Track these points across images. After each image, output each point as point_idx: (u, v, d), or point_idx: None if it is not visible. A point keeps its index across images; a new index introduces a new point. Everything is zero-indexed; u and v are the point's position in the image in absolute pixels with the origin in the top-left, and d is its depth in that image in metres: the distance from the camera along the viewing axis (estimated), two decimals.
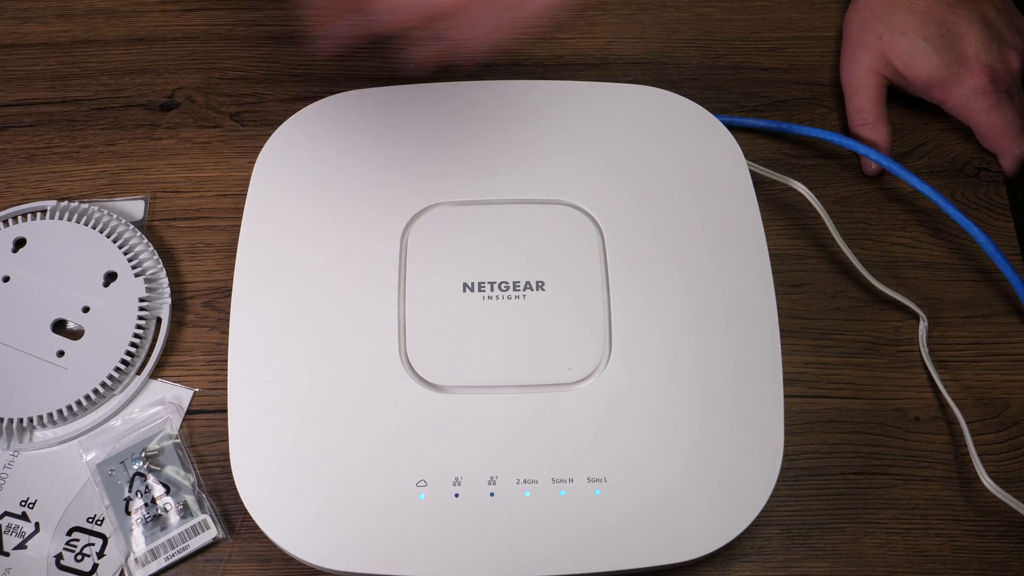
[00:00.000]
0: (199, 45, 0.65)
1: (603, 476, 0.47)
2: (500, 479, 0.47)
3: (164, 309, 0.56)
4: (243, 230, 0.53)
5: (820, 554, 0.51)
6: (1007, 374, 0.56)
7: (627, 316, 0.50)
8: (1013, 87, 0.62)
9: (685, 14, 0.67)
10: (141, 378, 0.54)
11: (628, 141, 0.55)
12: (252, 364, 0.49)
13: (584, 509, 0.46)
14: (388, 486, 0.47)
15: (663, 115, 0.57)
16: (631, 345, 0.50)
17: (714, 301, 0.51)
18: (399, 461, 0.47)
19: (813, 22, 0.67)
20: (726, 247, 0.52)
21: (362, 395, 0.48)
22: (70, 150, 0.61)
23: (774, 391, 0.49)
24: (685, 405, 0.49)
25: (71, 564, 0.50)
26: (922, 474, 0.53)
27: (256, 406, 0.48)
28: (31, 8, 0.66)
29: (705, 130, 0.56)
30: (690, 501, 0.47)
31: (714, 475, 0.47)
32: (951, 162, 0.62)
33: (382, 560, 0.46)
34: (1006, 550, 0.51)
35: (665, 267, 0.52)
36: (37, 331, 0.54)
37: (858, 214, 0.60)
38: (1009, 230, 0.60)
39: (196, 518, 0.50)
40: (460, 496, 0.46)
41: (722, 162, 0.55)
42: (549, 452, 0.47)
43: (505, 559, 0.46)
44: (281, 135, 0.56)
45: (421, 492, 0.46)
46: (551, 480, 0.47)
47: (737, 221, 0.53)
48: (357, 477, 0.47)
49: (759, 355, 0.50)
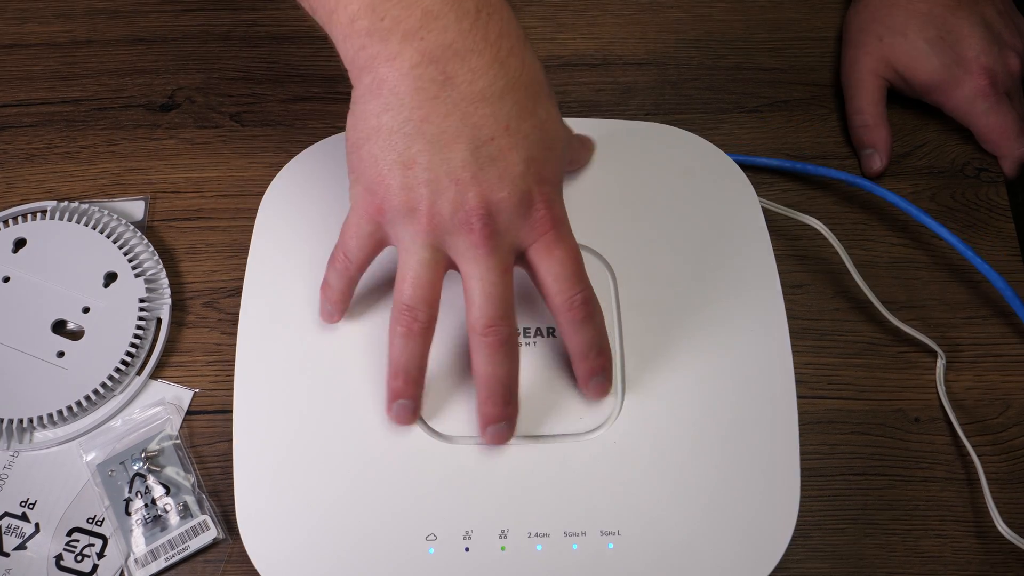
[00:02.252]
0: (199, 45, 0.65)
1: (616, 529, 0.46)
2: (511, 532, 0.46)
3: (164, 310, 0.56)
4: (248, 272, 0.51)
5: (820, 555, 0.51)
6: (1007, 375, 0.56)
7: (639, 363, 0.49)
8: (1013, 89, 0.62)
9: (686, 14, 0.67)
10: (141, 379, 0.54)
11: (640, 181, 0.54)
12: (256, 415, 0.48)
13: (597, 563, 0.45)
14: (398, 540, 0.45)
15: (675, 154, 0.55)
16: (644, 393, 0.48)
17: (728, 347, 0.50)
18: (409, 514, 0.46)
19: (813, 23, 0.67)
20: (740, 291, 0.51)
21: (371, 446, 0.47)
22: (70, 150, 0.61)
23: (790, 440, 0.48)
24: (699, 456, 0.47)
25: (71, 565, 0.50)
26: (922, 475, 0.53)
27: (261, 458, 0.47)
28: (31, 8, 0.66)
29: (718, 169, 0.55)
30: (705, 554, 0.46)
31: (729, 527, 0.46)
32: (951, 163, 0.62)
33: None
34: (1006, 551, 0.51)
35: (678, 313, 0.50)
36: (37, 331, 0.54)
37: (858, 214, 0.60)
38: (1009, 231, 0.60)
39: (196, 519, 0.50)
40: (471, 550, 0.45)
41: (735, 202, 0.54)
42: (561, 505, 0.46)
43: None
44: (283, 177, 0.54)
45: (431, 546, 0.45)
46: (563, 533, 0.46)
47: (751, 264, 0.52)
48: (366, 530, 0.46)
49: (774, 403, 0.49)
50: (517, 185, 0.44)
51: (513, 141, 0.43)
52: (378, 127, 0.43)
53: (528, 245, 0.45)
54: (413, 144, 0.43)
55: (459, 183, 0.43)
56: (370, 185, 0.44)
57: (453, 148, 0.43)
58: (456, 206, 0.43)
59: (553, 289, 0.45)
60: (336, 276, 0.48)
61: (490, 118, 0.43)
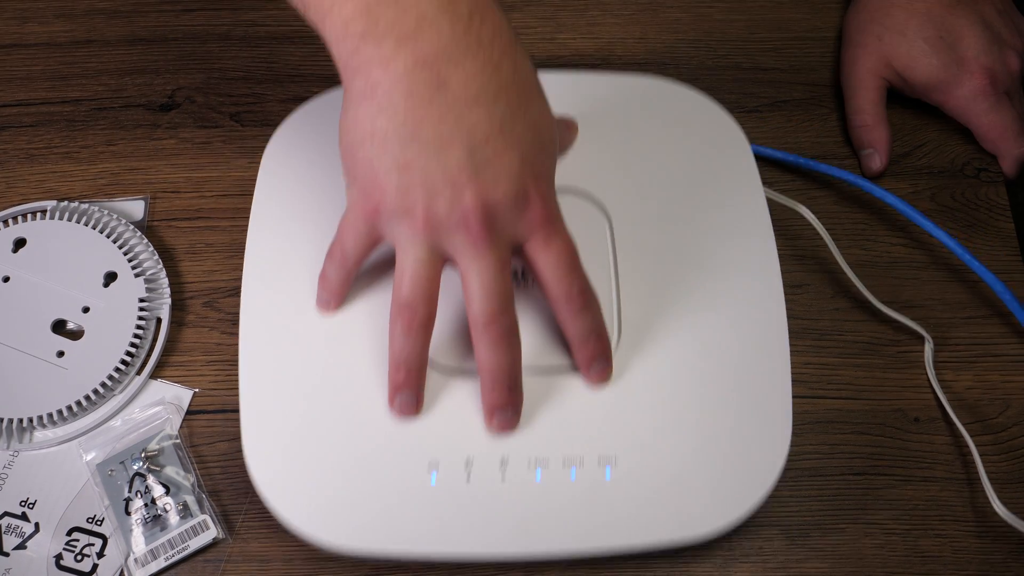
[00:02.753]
0: (199, 45, 0.65)
1: (613, 457, 0.47)
2: (511, 460, 0.47)
3: (164, 309, 0.56)
4: (252, 217, 0.53)
5: (820, 555, 0.51)
6: (1007, 375, 0.56)
7: (636, 301, 0.51)
8: (1013, 88, 0.62)
9: (685, 14, 0.67)
10: (141, 378, 0.54)
11: (635, 131, 0.56)
12: (264, 350, 0.50)
13: (595, 490, 0.47)
14: (400, 469, 0.47)
15: (669, 105, 0.57)
16: (640, 329, 0.50)
17: (721, 286, 0.51)
18: (411, 443, 0.48)
19: (813, 22, 0.67)
20: (733, 233, 0.53)
21: (374, 378, 0.49)
22: (70, 150, 0.61)
23: (782, 373, 0.49)
24: (694, 388, 0.49)
25: (71, 564, 0.50)
26: (922, 475, 0.53)
27: (268, 391, 0.49)
28: (31, 8, 0.66)
29: (712, 119, 0.57)
30: (699, 482, 0.47)
31: (723, 456, 0.48)
32: (951, 163, 0.62)
33: (394, 541, 0.46)
34: (1006, 551, 0.51)
35: (672, 254, 0.52)
36: (37, 331, 0.54)
37: (857, 214, 0.60)
38: (1009, 230, 0.60)
39: (196, 518, 0.50)
40: (471, 478, 0.47)
41: (728, 150, 0.55)
42: (560, 434, 0.48)
43: (517, 538, 0.46)
44: (287, 127, 0.56)
45: (432, 474, 0.47)
46: (562, 461, 0.47)
47: (743, 208, 0.53)
48: (369, 460, 0.47)
49: (767, 337, 0.50)
50: (513, 183, 0.44)
51: (508, 142, 0.44)
52: (373, 131, 0.43)
53: (525, 240, 0.46)
54: (408, 148, 0.43)
55: (455, 185, 0.43)
56: (366, 188, 0.45)
57: (449, 151, 0.43)
58: (453, 206, 0.44)
59: (552, 282, 0.47)
60: (334, 269, 0.49)
61: (485, 120, 0.43)
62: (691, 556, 0.51)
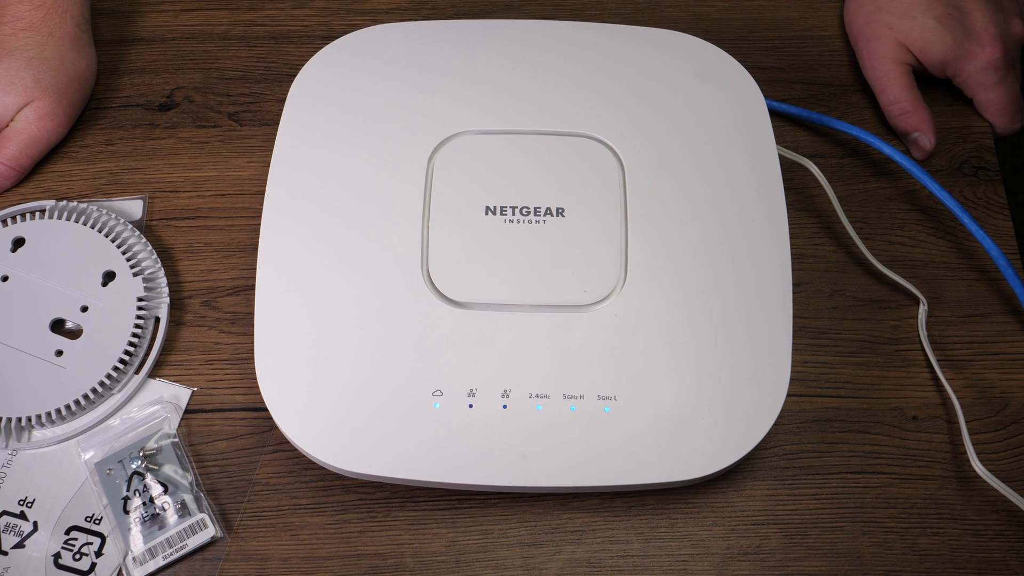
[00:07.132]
0: (197, 45, 0.65)
1: (613, 394, 0.48)
2: (513, 392, 0.49)
3: (162, 308, 0.56)
4: (276, 150, 0.54)
5: (818, 553, 0.51)
6: (1005, 373, 0.56)
7: (643, 244, 0.52)
8: (1017, 55, 0.62)
9: (684, 13, 0.67)
10: (139, 377, 0.54)
11: (652, 80, 0.57)
12: (279, 273, 0.51)
13: (593, 425, 0.48)
14: (406, 394, 0.49)
15: (686, 57, 0.58)
16: (646, 271, 0.51)
17: (728, 232, 0.52)
18: (417, 371, 0.49)
19: (812, 21, 0.67)
20: (742, 182, 0.54)
21: (385, 308, 0.50)
22: (69, 150, 0.61)
23: (783, 317, 0.50)
24: (696, 330, 0.50)
25: (69, 563, 0.50)
26: (920, 473, 0.53)
27: (281, 314, 0.50)
28: None
29: (728, 72, 0.58)
30: (697, 421, 0.48)
31: (722, 397, 0.49)
32: (949, 161, 0.62)
33: (397, 464, 0.48)
34: (1004, 549, 0.51)
35: (681, 200, 0.53)
36: (36, 330, 0.54)
37: (857, 212, 0.60)
38: (1007, 228, 0.60)
39: (194, 517, 0.50)
40: (474, 407, 0.48)
41: (742, 102, 0.56)
42: (562, 369, 0.49)
43: (515, 468, 0.48)
44: (315, 64, 0.57)
45: (437, 401, 0.48)
46: (562, 396, 0.48)
47: (754, 160, 0.54)
48: (376, 385, 0.49)
49: (770, 284, 0.51)
50: None
51: None
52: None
53: None
54: None
55: None
56: None
57: None
58: None
59: None
60: None
61: None
62: (689, 555, 0.51)
